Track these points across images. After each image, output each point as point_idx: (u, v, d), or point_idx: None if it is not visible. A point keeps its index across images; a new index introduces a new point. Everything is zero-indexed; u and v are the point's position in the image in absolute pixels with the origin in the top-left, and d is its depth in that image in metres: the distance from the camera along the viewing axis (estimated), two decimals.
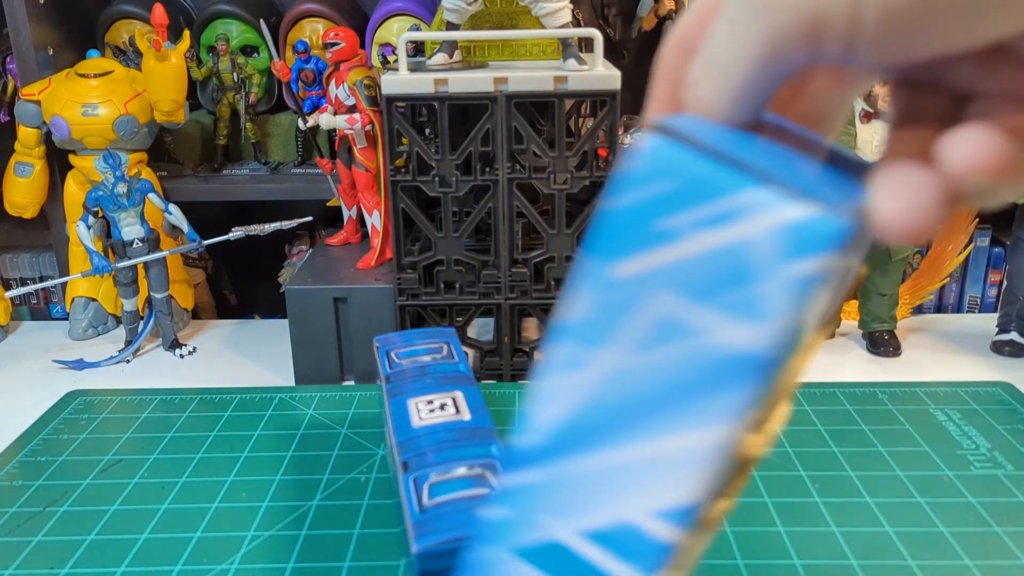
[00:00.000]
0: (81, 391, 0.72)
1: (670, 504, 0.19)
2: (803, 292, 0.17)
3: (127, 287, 0.80)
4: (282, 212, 0.85)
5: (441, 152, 0.67)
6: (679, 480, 0.19)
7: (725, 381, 0.18)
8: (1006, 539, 0.50)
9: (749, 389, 0.18)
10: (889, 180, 0.19)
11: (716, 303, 0.18)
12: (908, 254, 0.78)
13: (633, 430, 0.19)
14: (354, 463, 0.60)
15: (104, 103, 0.82)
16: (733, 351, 0.18)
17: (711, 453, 0.19)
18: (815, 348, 0.21)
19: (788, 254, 0.17)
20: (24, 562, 0.50)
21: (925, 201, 0.19)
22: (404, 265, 0.71)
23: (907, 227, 0.19)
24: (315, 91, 0.82)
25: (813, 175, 0.18)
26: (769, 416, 0.21)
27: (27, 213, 0.88)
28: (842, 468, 0.58)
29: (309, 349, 0.74)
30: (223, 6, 0.93)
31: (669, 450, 0.19)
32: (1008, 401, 0.68)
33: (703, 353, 0.18)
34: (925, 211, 0.19)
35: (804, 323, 0.18)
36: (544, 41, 0.72)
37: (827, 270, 0.17)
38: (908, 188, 0.19)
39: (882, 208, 0.19)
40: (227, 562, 0.50)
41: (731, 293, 0.18)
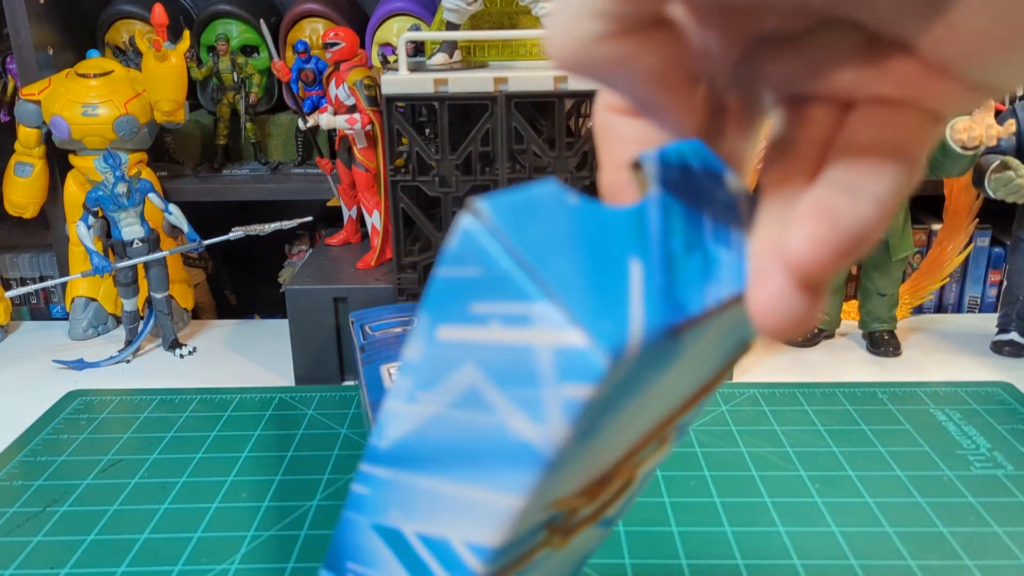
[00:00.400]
0: (81, 391, 0.72)
1: (476, 541, 0.21)
2: (573, 411, 0.18)
3: (127, 287, 0.80)
4: (282, 212, 0.85)
5: (441, 152, 0.67)
6: (483, 525, 0.20)
7: (515, 460, 0.19)
8: (1006, 539, 0.50)
9: (533, 474, 0.19)
10: (753, 267, 0.19)
11: (510, 392, 0.19)
12: (908, 254, 0.78)
13: (453, 470, 0.20)
14: (354, 463, 0.60)
15: (104, 103, 0.82)
16: (520, 439, 0.19)
17: (506, 514, 0.20)
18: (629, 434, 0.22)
19: (560, 375, 0.18)
20: (24, 562, 0.50)
21: (784, 293, 0.18)
22: (404, 265, 0.71)
23: (773, 323, 0.18)
24: (315, 91, 0.82)
25: (603, 291, 0.18)
26: (592, 487, 0.23)
27: (27, 213, 0.88)
28: (842, 468, 0.58)
29: (309, 349, 0.74)
30: (223, 6, 0.93)
31: (478, 498, 0.20)
32: (1008, 401, 0.68)
33: (500, 429, 0.19)
34: (787, 304, 0.18)
35: (583, 430, 0.19)
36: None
37: (594, 396, 0.18)
38: (767, 278, 0.19)
39: (751, 300, 0.19)
40: (227, 562, 0.50)
41: (521, 389, 0.18)
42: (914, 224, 0.79)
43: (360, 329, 0.64)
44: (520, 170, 0.68)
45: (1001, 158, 0.71)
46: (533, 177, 0.68)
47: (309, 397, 0.70)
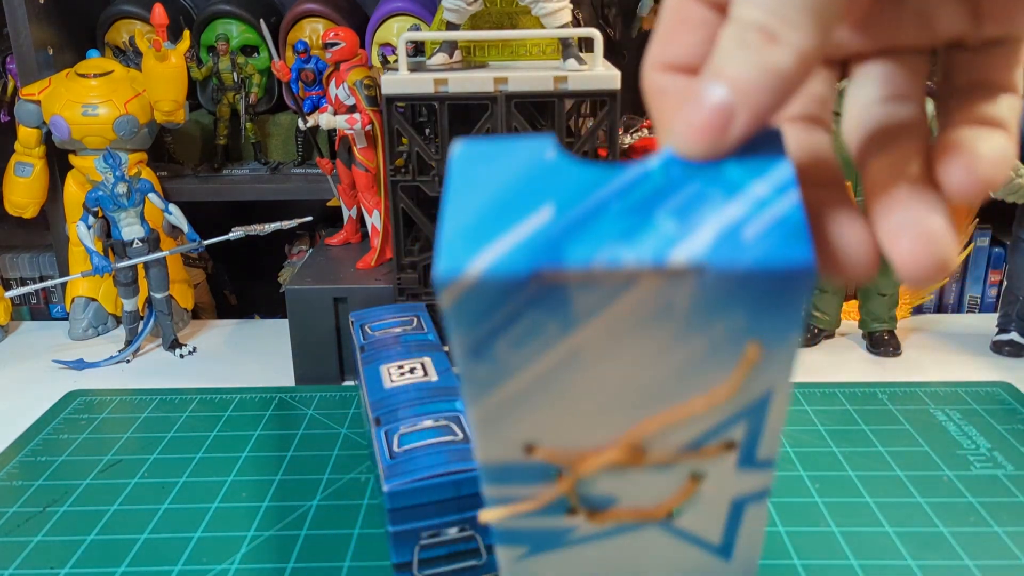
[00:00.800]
0: (81, 391, 0.72)
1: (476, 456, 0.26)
2: (446, 319, 0.21)
3: (127, 287, 0.80)
4: (282, 212, 0.85)
5: (441, 152, 0.67)
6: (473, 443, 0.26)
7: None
8: (1006, 539, 0.50)
9: (463, 388, 0.23)
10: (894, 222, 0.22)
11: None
12: None
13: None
14: (354, 463, 0.60)
15: (104, 103, 0.82)
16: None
17: (472, 426, 0.24)
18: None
19: (437, 289, 0.21)
20: (24, 562, 0.50)
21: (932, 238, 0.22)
22: (404, 265, 0.71)
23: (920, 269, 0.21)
24: (315, 91, 0.82)
25: (484, 227, 0.20)
26: (591, 459, 0.25)
27: (27, 213, 0.88)
28: (842, 468, 0.58)
29: (309, 349, 0.74)
30: (223, 6, 0.93)
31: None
32: (1008, 401, 0.68)
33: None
34: (936, 250, 0.22)
35: (476, 347, 0.21)
36: (544, 41, 0.72)
37: (449, 309, 0.20)
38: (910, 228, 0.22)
39: (897, 253, 0.21)
40: (227, 562, 0.50)
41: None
42: None
43: (360, 329, 0.64)
44: None
45: None
46: None
47: (309, 397, 0.70)
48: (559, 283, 0.20)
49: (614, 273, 0.20)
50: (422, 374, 0.55)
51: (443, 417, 0.49)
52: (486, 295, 0.20)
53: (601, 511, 0.26)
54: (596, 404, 0.23)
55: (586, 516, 0.26)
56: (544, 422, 0.24)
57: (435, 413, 0.50)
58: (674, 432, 0.24)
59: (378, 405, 0.52)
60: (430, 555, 0.45)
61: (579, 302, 0.20)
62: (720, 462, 0.25)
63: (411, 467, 0.44)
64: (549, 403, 0.23)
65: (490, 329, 0.21)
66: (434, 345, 0.60)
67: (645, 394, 0.23)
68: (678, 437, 0.24)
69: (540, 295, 0.20)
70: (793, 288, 0.20)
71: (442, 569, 0.46)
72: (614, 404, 0.23)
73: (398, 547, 0.44)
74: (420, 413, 0.50)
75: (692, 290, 0.20)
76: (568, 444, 0.24)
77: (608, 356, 0.22)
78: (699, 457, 0.25)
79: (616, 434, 0.24)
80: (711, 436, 0.24)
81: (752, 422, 0.24)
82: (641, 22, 0.88)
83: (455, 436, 0.47)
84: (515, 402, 0.23)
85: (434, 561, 0.45)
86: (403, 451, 0.46)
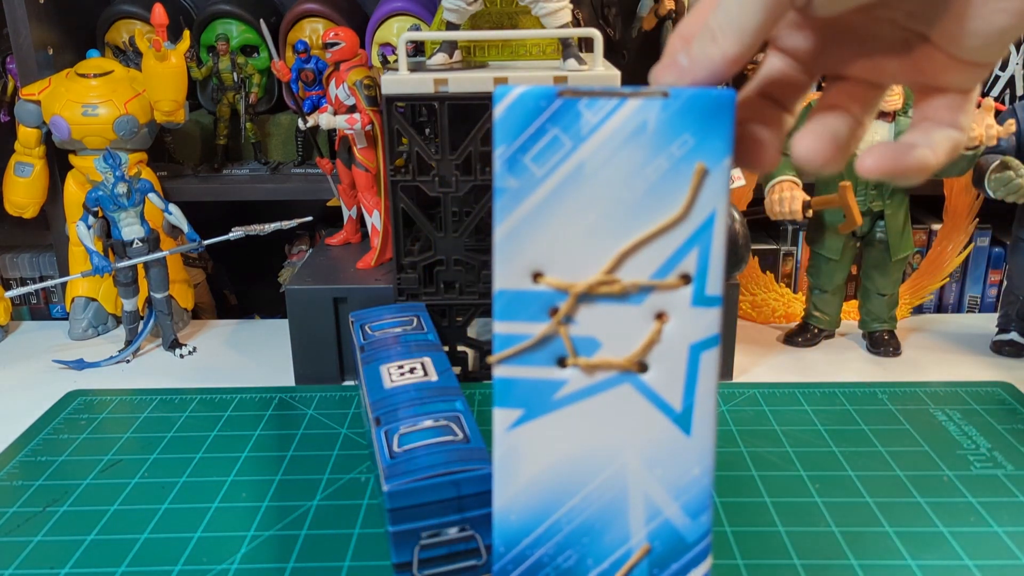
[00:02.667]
0: (81, 391, 0.72)
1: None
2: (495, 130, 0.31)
3: (127, 287, 0.80)
4: (282, 212, 0.85)
5: (441, 152, 0.67)
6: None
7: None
8: (1006, 539, 0.50)
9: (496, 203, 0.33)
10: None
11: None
12: (908, 254, 0.78)
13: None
14: (354, 463, 0.60)
15: (104, 103, 0.82)
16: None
17: (494, 247, 0.33)
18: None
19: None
20: (24, 562, 0.50)
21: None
22: (404, 265, 0.71)
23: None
24: (315, 91, 0.82)
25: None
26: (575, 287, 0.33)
27: (27, 213, 0.88)
28: (842, 468, 0.58)
29: (309, 349, 0.74)
30: (223, 6, 0.93)
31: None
32: (1008, 401, 0.68)
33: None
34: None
35: (513, 159, 0.31)
36: (544, 41, 0.72)
37: (501, 116, 0.31)
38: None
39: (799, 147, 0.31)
40: (227, 562, 0.50)
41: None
42: (914, 224, 0.79)
43: (360, 329, 0.64)
44: None
45: (1001, 158, 0.71)
46: None
47: (309, 397, 0.70)
48: (574, 98, 0.30)
49: (610, 93, 0.30)
50: (422, 374, 0.55)
51: (443, 417, 0.49)
52: (524, 105, 0.30)
53: (587, 357, 0.33)
54: (589, 224, 0.32)
55: (574, 363, 0.33)
56: (549, 246, 0.32)
57: (435, 413, 0.50)
58: (643, 257, 0.32)
59: (378, 405, 0.52)
60: (430, 555, 0.45)
61: (586, 118, 0.30)
62: (678, 296, 0.32)
63: (411, 467, 0.44)
64: (555, 222, 0.32)
65: (522, 143, 0.31)
66: (434, 345, 0.60)
67: (626, 213, 0.31)
68: (645, 264, 0.32)
69: (560, 111, 0.30)
70: (721, 112, 0.30)
71: (442, 569, 0.46)
72: (602, 226, 0.32)
73: (398, 547, 0.44)
74: (420, 413, 0.50)
75: (658, 111, 0.30)
76: (565, 273, 0.32)
77: (602, 169, 0.31)
78: (662, 288, 0.32)
79: (601, 262, 0.32)
80: (670, 266, 0.32)
81: (701, 249, 0.31)
82: (641, 22, 0.88)
83: (455, 436, 0.47)
84: (531, 219, 0.32)
85: (434, 561, 0.45)
86: (403, 451, 0.46)
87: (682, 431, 0.34)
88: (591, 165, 0.31)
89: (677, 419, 0.34)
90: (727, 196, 0.31)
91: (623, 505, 0.35)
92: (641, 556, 0.35)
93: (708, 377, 0.33)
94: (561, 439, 0.35)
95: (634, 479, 0.35)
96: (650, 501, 0.35)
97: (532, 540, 0.35)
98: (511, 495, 0.35)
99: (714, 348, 0.33)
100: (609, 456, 0.35)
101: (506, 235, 0.32)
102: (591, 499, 0.35)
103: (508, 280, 0.32)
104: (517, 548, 0.35)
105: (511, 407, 0.34)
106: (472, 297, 0.71)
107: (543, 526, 0.35)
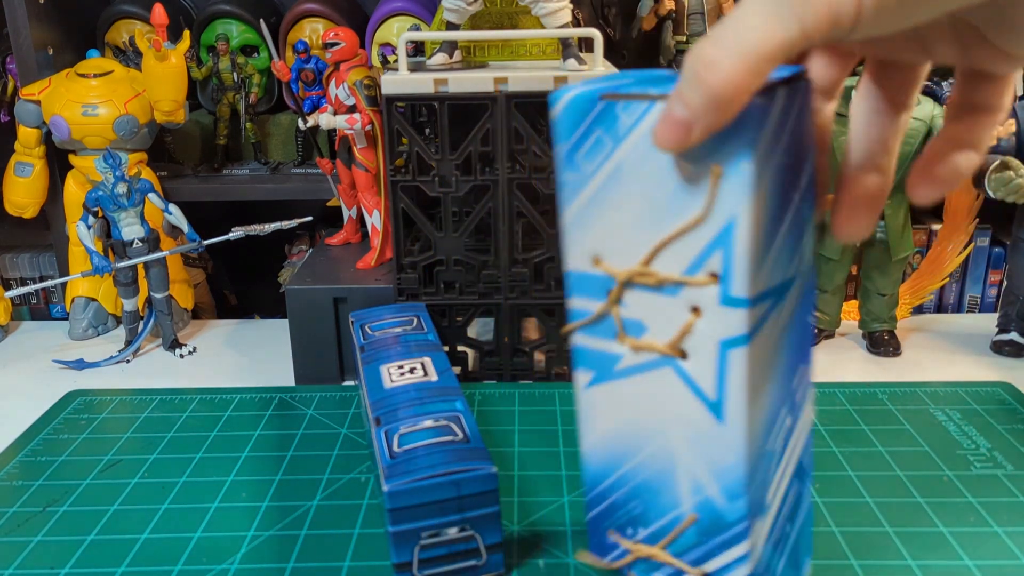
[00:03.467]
0: (81, 391, 0.72)
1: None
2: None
3: (127, 287, 0.80)
4: (282, 212, 0.85)
5: (441, 152, 0.67)
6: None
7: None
8: (1006, 539, 0.50)
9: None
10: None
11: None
12: (908, 254, 0.78)
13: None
14: (354, 463, 0.60)
15: (104, 103, 0.82)
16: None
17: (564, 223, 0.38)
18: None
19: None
20: (24, 562, 0.50)
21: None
22: (404, 265, 0.71)
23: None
24: (315, 91, 0.82)
25: (590, 86, 0.34)
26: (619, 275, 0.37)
27: (27, 213, 0.88)
28: (842, 468, 0.58)
29: (309, 349, 0.74)
30: (223, 6, 0.93)
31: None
32: (1008, 401, 0.68)
33: None
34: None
35: (572, 151, 0.35)
36: (544, 41, 0.72)
37: (558, 116, 0.35)
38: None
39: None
40: (227, 562, 0.50)
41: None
42: (914, 224, 0.79)
43: (360, 329, 0.64)
44: (520, 170, 0.68)
45: (1001, 158, 0.71)
46: (533, 177, 0.68)
47: (309, 397, 0.70)
48: (613, 101, 0.33)
49: (642, 95, 0.32)
50: (422, 374, 0.55)
51: (443, 417, 0.49)
52: (574, 108, 0.34)
53: (635, 338, 0.37)
54: (631, 218, 0.34)
55: (623, 340, 0.37)
56: (603, 235, 0.36)
57: (435, 413, 0.50)
58: (675, 253, 0.34)
59: (378, 405, 0.52)
60: (430, 555, 0.45)
61: (622, 120, 0.33)
62: (708, 293, 0.34)
63: (411, 467, 0.44)
64: (606, 214, 0.35)
65: (575, 141, 0.34)
66: (434, 345, 0.60)
67: (659, 209, 0.34)
68: (678, 259, 0.34)
69: (602, 113, 0.33)
70: (744, 119, 0.30)
71: (442, 569, 0.46)
72: (641, 220, 0.34)
73: (398, 547, 0.44)
74: (420, 413, 0.50)
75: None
76: (615, 261, 0.36)
77: (638, 168, 0.33)
78: (693, 284, 0.34)
79: (641, 254, 0.35)
80: (699, 263, 0.33)
81: (725, 251, 0.33)
82: (641, 22, 0.88)
83: (455, 436, 0.47)
84: (587, 209, 0.36)
85: (434, 561, 0.45)
86: (403, 451, 0.46)
87: (716, 419, 0.36)
88: (628, 164, 0.33)
89: (712, 407, 0.36)
90: (753, 200, 0.31)
91: (672, 474, 0.38)
92: (689, 523, 0.39)
93: (737, 372, 0.34)
94: (621, 405, 0.39)
95: (680, 453, 0.38)
96: (695, 477, 0.38)
97: (608, 485, 0.41)
98: (592, 442, 0.41)
99: (742, 346, 0.34)
100: (658, 428, 0.38)
101: (570, 222, 0.36)
102: (647, 463, 0.39)
103: (575, 262, 0.37)
104: (599, 487, 0.42)
105: (585, 369, 0.39)
106: (472, 297, 0.71)
107: (615, 475, 0.41)
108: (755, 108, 0.30)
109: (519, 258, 0.70)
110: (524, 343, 0.73)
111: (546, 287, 0.71)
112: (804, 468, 0.41)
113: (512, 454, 0.60)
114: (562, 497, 0.55)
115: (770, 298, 0.35)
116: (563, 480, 0.57)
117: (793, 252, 0.35)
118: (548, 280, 0.71)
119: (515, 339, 0.72)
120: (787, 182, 0.34)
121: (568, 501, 0.54)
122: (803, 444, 0.40)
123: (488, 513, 0.45)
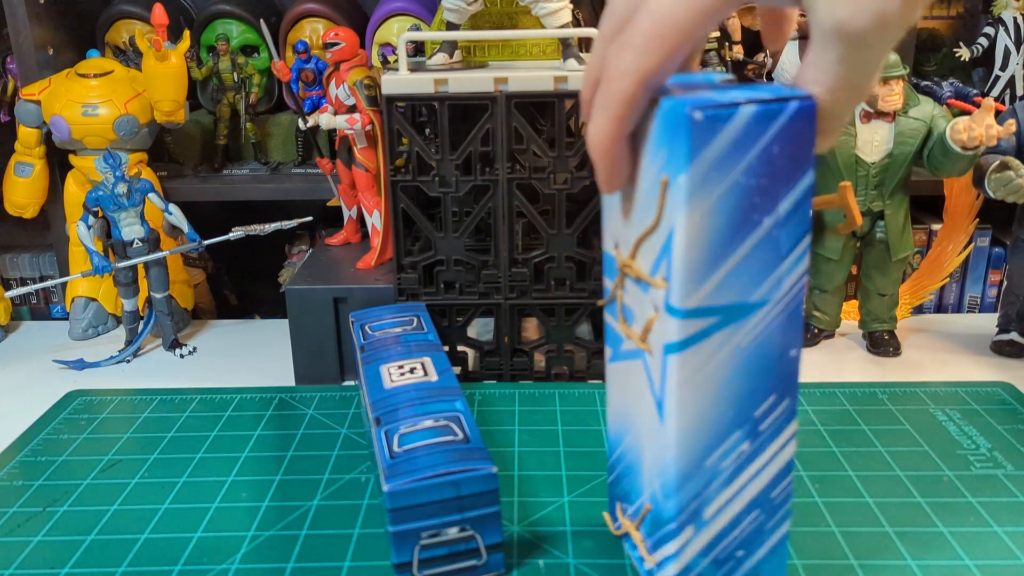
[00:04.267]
0: (81, 391, 0.72)
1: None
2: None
3: (127, 287, 0.80)
4: (282, 212, 0.85)
5: (441, 152, 0.67)
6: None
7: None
8: (1006, 539, 0.50)
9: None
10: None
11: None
12: (908, 254, 0.78)
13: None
14: (354, 463, 0.60)
15: (104, 103, 0.82)
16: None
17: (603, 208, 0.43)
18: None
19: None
20: (24, 562, 0.50)
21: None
22: (404, 265, 0.71)
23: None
24: (315, 91, 0.82)
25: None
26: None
27: (27, 213, 0.88)
28: (842, 468, 0.58)
29: (309, 349, 0.74)
30: (223, 6, 0.93)
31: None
32: (1008, 401, 0.68)
33: None
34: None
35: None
36: (544, 41, 0.72)
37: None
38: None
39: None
40: (227, 562, 0.50)
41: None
42: (914, 224, 0.79)
43: (360, 329, 0.64)
44: (520, 170, 0.68)
45: (1001, 158, 0.71)
46: (533, 177, 0.68)
47: (309, 397, 0.70)
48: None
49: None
50: (422, 374, 0.55)
51: (443, 417, 0.49)
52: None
53: (627, 325, 0.40)
54: (626, 214, 0.38)
55: (622, 325, 0.40)
56: (615, 225, 0.40)
57: (435, 413, 0.50)
58: (645, 252, 0.37)
59: (378, 405, 0.52)
60: (430, 555, 0.45)
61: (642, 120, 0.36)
62: (661, 295, 0.35)
63: (411, 467, 0.44)
64: (613, 208, 0.40)
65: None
66: (434, 345, 0.60)
67: (641, 210, 0.36)
68: (646, 259, 0.37)
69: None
70: (679, 128, 0.32)
71: (442, 569, 0.46)
72: (631, 217, 0.37)
73: (398, 547, 0.44)
74: (420, 413, 0.50)
75: (653, 120, 0.34)
76: (621, 248, 0.39)
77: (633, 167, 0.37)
78: (654, 284, 0.36)
79: (630, 245, 0.38)
80: (657, 265, 0.36)
81: (668, 259, 0.34)
82: None
83: (455, 436, 0.47)
84: (606, 202, 0.40)
85: (434, 561, 0.45)
86: (403, 451, 0.46)
87: (659, 417, 0.38)
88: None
89: (658, 404, 0.38)
90: (686, 212, 0.33)
91: (640, 463, 0.41)
92: (646, 512, 0.41)
93: (672, 377, 0.36)
94: (619, 386, 0.42)
95: (644, 444, 0.40)
96: (649, 470, 0.40)
97: (618, 454, 0.45)
98: (610, 413, 0.45)
99: (676, 354, 0.35)
100: (636, 417, 0.41)
101: (603, 207, 0.41)
102: (631, 445, 0.42)
103: (605, 244, 0.42)
104: (612, 456, 0.46)
105: (608, 345, 0.43)
106: (472, 297, 0.71)
107: (620, 448, 0.45)
108: (704, 121, 0.31)
109: (519, 258, 0.70)
110: (524, 343, 0.73)
111: (546, 287, 0.71)
112: (774, 504, 0.40)
113: (512, 454, 0.60)
114: (562, 497, 0.55)
115: (716, 315, 0.35)
116: (563, 480, 0.57)
117: (760, 278, 0.35)
118: (548, 280, 0.71)
119: (515, 339, 0.72)
120: (750, 204, 0.33)
121: (568, 501, 0.54)
122: (772, 479, 0.40)
123: (488, 513, 0.45)
